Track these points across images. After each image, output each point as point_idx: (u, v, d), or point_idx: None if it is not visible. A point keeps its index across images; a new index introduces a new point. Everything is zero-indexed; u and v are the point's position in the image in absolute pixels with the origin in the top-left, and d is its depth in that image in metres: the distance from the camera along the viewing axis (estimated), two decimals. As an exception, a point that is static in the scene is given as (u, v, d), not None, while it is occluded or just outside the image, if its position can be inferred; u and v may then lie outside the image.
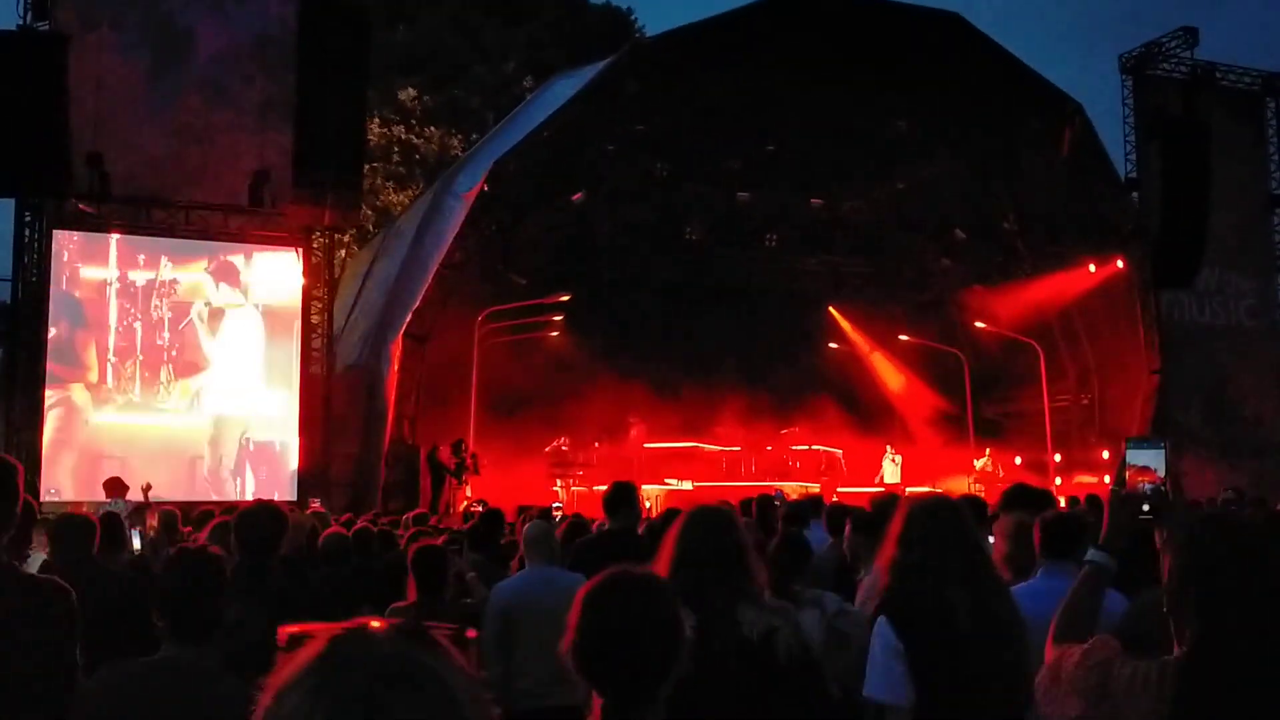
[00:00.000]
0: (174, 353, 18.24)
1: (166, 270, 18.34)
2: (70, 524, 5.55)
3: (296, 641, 1.24)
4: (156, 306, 18.23)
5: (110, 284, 18.05)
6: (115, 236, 18.03)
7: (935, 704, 3.29)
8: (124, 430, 17.68)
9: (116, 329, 17.99)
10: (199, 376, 18.29)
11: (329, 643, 1.19)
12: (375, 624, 1.24)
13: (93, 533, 5.44)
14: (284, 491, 17.56)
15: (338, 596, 5.90)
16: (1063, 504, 11.05)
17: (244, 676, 3.16)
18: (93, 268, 17.98)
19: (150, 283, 18.24)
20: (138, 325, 18.12)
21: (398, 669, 1.18)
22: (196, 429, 18.27)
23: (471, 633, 1.15)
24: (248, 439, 18.54)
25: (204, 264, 18.63)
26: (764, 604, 3.34)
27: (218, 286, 18.69)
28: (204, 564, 3.33)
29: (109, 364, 17.89)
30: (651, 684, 2.15)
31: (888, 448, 23.61)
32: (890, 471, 23.17)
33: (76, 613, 3.37)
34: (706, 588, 3.21)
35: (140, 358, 18.06)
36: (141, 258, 18.24)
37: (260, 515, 4.80)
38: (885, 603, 3.46)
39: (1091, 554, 2.72)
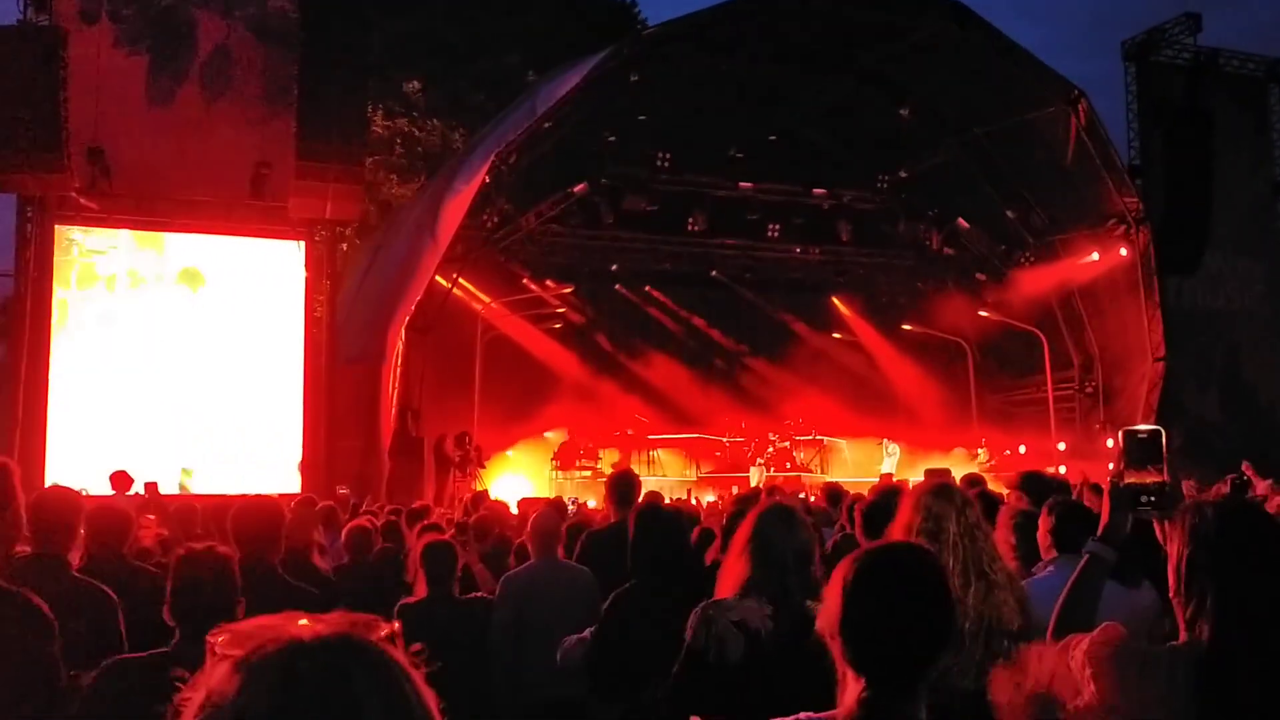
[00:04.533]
0: (164, 345, 18.26)
1: (153, 263, 18.37)
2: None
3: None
4: (142, 299, 18.28)
5: (98, 278, 18.09)
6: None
7: None
8: (113, 424, 17.73)
9: (95, 322, 18.05)
10: (192, 369, 18.31)
11: (253, 644, 1.13)
12: (302, 622, 1.17)
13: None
14: (288, 486, 17.53)
15: (352, 590, 5.89)
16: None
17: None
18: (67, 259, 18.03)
19: (134, 274, 18.27)
20: (120, 317, 18.15)
21: (333, 651, 1.12)
22: (196, 424, 18.27)
23: (390, 628, 1.06)
24: (250, 433, 18.55)
25: (196, 256, 18.64)
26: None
27: (212, 280, 18.69)
28: (212, 562, 3.37)
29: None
30: (919, 667, 2.00)
31: (884, 440, 23.51)
32: (888, 463, 23.03)
33: (49, 616, 3.34)
34: (787, 582, 3.34)
35: (124, 349, 18.09)
36: (122, 250, 18.25)
37: (257, 511, 4.73)
38: None
39: (1091, 545, 2.70)
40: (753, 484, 20.16)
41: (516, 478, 22.09)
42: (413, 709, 1.14)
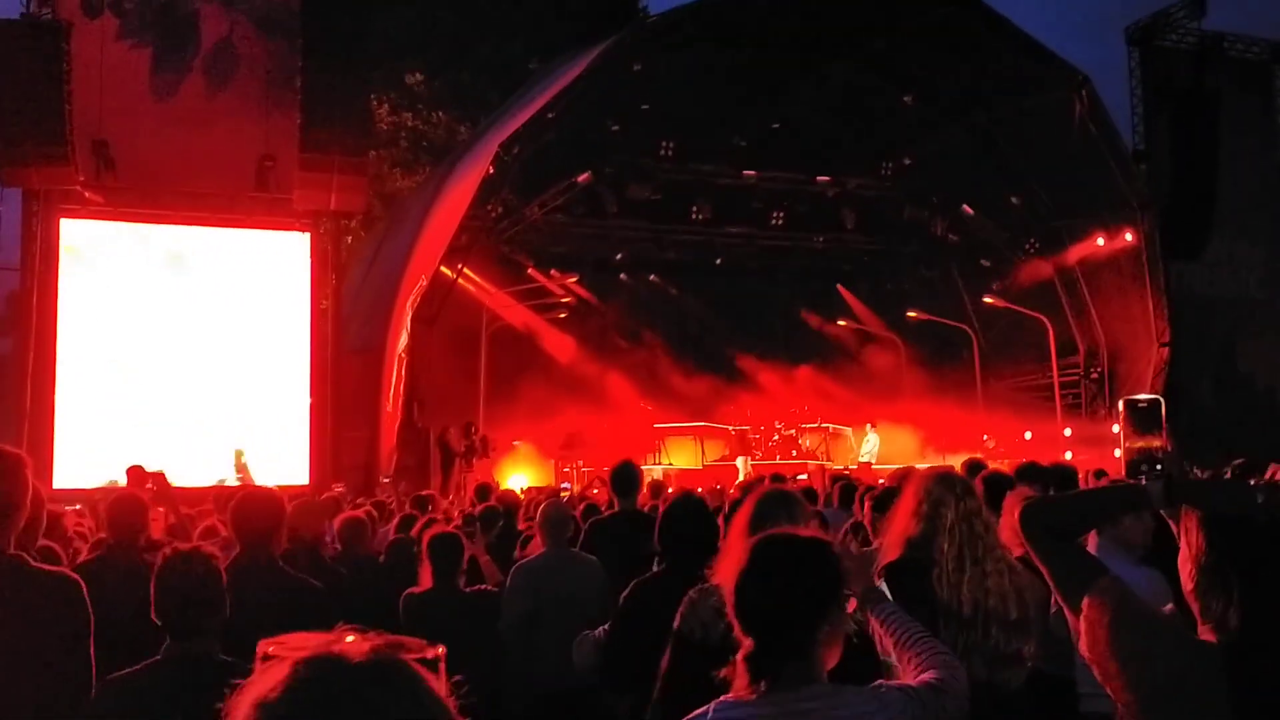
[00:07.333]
0: (171, 336, 18.30)
1: (161, 255, 18.43)
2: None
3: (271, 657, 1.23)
4: (147, 290, 18.32)
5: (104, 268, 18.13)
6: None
7: None
8: (120, 417, 17.77)
9: (101, 313, 18.11)
10: (199, 361, 18.35)
11: (306, 658, 1.19)
12: (350, 639, 1.23)
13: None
14: (296, 477, 17.59)
15: (356, 583, 5.90)
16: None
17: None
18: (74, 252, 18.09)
19: (141, 266, 18.33)
20: (126, 309, 18.20)
21: (372, 675, 1.18)
22: (204, 415, 18.30)
23: (435, 651, 1.11)
24: (257, 424, 18.58)
25: (203, 248, 18.67)
26: None
27: (219, 272, 18.72)
28: (199, 563, 3.33)
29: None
30: (796, 633, 2.36)
31: (868, 426, 23.18)
32: (866, 450, 22.53)
33: (85, 605, 3.30)
34: None
35: (131, 341, 18.15)
36: (130, 242, 18.30)
37: (256, 503, 4.70)
38: (885, 567, 3.61)
39: (1151, 484, 2.56)
40: (740, 475, 20.01)
41: (521, 467, 22.11)
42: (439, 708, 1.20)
